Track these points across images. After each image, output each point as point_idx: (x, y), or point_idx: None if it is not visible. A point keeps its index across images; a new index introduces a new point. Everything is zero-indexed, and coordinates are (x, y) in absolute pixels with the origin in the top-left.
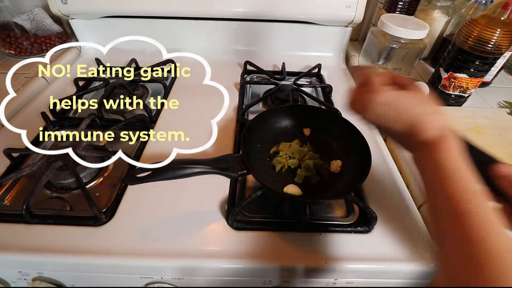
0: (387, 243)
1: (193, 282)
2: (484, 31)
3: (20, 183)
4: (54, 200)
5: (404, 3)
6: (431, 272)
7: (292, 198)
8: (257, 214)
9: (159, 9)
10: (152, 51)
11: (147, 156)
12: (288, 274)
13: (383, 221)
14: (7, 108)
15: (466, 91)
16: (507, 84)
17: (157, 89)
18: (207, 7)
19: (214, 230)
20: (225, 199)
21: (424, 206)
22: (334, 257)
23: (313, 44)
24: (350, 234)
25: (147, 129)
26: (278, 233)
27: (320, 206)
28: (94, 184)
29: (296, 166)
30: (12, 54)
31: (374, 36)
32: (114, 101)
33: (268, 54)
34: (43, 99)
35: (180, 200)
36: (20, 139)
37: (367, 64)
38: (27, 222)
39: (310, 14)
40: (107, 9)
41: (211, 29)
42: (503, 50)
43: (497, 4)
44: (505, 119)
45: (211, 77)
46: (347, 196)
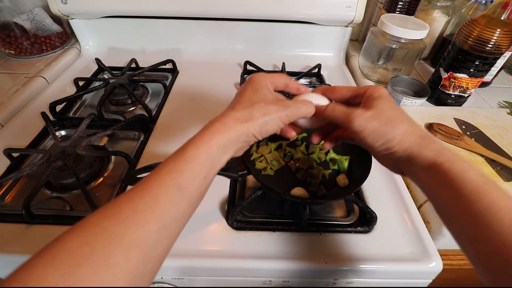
0: (387, 243)
1: (193, 282)
2: (484, 31)
3: (20, 183)
4: (54, 200)
5: (404, 3)
6: (431, 272)
7: (292, 198)
8: (257, 214)
9: (159, 9)
10: (152, 51)
11: (147, 156)
12: (288, 274)
13: (383, 221)
14: (7, 108)
15: (466, 91)
16: (507, 84)
17: (157, 89)
18: (207, 7)
19: (214, 230)
20: (225, 199)
21: (424, 206)
22: (334, 257)
23: (313, 44)
24: (350, 234)
25: (147, 129)
26: (278, 233)
27: (320, 206)
28: (94, 184)
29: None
30: (12, 54)
31: (374, 36)
32: (114, 101)
33: (268, 54)
34: (43, 99)
35: None
36: (20, 139)
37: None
38: (27, 222)
39: (310, 14)
40: (107, 9)
41: (211, 29)
42: (503, 50)
43: (497, 4)
44: (505, 119)
45: (211, 77)
46: (347, 196)
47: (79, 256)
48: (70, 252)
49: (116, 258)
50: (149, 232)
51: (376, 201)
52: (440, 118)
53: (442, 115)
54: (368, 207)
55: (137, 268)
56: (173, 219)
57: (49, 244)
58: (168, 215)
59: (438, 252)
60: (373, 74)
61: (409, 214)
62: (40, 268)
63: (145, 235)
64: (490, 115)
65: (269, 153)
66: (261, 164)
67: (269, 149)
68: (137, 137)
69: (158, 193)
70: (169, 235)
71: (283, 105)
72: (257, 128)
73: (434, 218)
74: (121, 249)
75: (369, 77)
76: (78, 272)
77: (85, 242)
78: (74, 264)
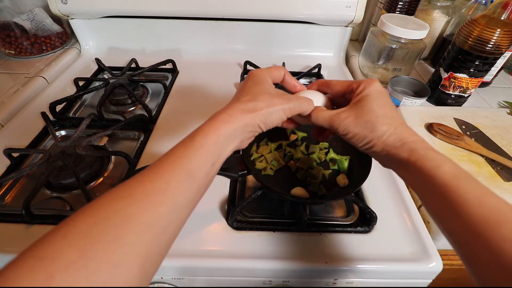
0: (387, 243)
1: (193, 282)
2: (484, 31)
3: (20, 183)
4: (54, 200)
5: (404, 3)
6: (431, 272)
7: (293, 199)
8: (257, 214)
9: (159, 9)
10: (152, 51)
11: (147, 156)
12: (288, 274)
13: (383, 221)
14: (7, 108)
15: (466, 91)
16: (507, 84)
17: (157, 89)
18: (207, 7)
19: (214, 230)
20: (225, 199)
21: None
22: (334, 257)
23: (313, 44)
24: (350, 234)
25: (147, 129)
26: (278, 233)
27: (320, 206)
28: (94, 184)
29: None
30: (12, 54)
31: (374, 36)
32: (114, 101)
33: (268, 54)
34: (43, 99)
35: None
36: (20, 139)
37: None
38: (27, 222)
39: (310, 14)
40: (107, 9)
41: (211, 29)
42: (503, 50)
43: (497, 4)
44: (505, 119)
45: (211, 77)
46: (347, 196)
47: (93, 234)
48: (85, 230)
49: (129, 237)
50: (160, 215)
51: (376, 201)
52: (440, 118)
53: (442, 115)
54: (368, 207)
55: (149, 249)
56: (182, 204)
57: (61, 224)
58: (178, 199)
59: (438, 252)
60: (373, 74)
61: (409, 214)
62: (58, 244)
63: (157, 218)
64: (490, 115)
65: (269, 153)
66: (261, 164)
67: (269, 149)
68: (137, 137)
69: (168, 177)
70: (178, 220)
71: (286, 99)
72: (262, 118)
73: None
74: (134, 228)
75: (369, 77)
76: (93, 249)
77: (98, 221)
78: (89, 242)
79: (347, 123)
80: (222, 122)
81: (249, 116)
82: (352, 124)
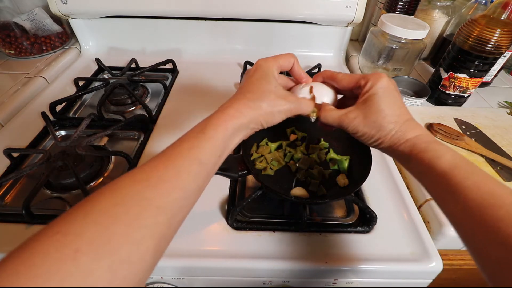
0: (387, 243)
1: (193, 282)
2: (484, 31)
3: (20, 183)
4: (54, 200)
5: (404, 3)
6: (431, 272)
7: (292, 198)
8: (257, 214)
9: (159, 9)
10: (152, 51)
11: (147, 156)
12: (288, 274)
13: (383, 221)
14: (7, 108)
15: (466, 91)
16: (507, 84)
17: (157, 89)
18: (207, 7)
19: (214, 230)
20: (225, 199)
21: (424, 206)
22: (334, 257)
23: (313, 44)
24: (350, 234)
25: (147, 129)
26: (278, 233)
27: (320, 206)
28: (94, 184)
29: (287, 165)
30: (12, 54)
31: (374, 36)
32: (114, 101)
33: (268, 54)
34: (43, 99)
35: None
36: (20, 139)
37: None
38: (27, 222)
39: (310, 14)
40: (107, 9)
41: (211, 29)
42: (503, 50)
43: (497, 4)
44: (505, 119)
45: (211, 77)
46: (347, 196)
47: (113, 214)
48: (105, 209)
49: (146, 220)
50: (173, 200)
51: (376, 201)
52: (440, 118)
53: (442, 115)
54: (368, 207)
55: (163, 232)
56: (192, 191)
57: (78, 204)
58: (189, 186)
59: (438, 252)
60: None
61: (409, 214)
62: (80, 221)
63: (171, 202)
64: (490, 115)
65: (269, 153)
66: (261, 164)
67: (269, 149)
68: (137, 137)
69: (181, 165)
70: (187, 206)
71: (288, 100)
72: (265, 117)
73: (434, 218)
74: (151, 212)
75: None
76: (114, 227)
77: (117, 203)
78: (110, 221)
79: (356, 123)
80: (231, 117)
81: (254, 113)
82: (361, 124)
